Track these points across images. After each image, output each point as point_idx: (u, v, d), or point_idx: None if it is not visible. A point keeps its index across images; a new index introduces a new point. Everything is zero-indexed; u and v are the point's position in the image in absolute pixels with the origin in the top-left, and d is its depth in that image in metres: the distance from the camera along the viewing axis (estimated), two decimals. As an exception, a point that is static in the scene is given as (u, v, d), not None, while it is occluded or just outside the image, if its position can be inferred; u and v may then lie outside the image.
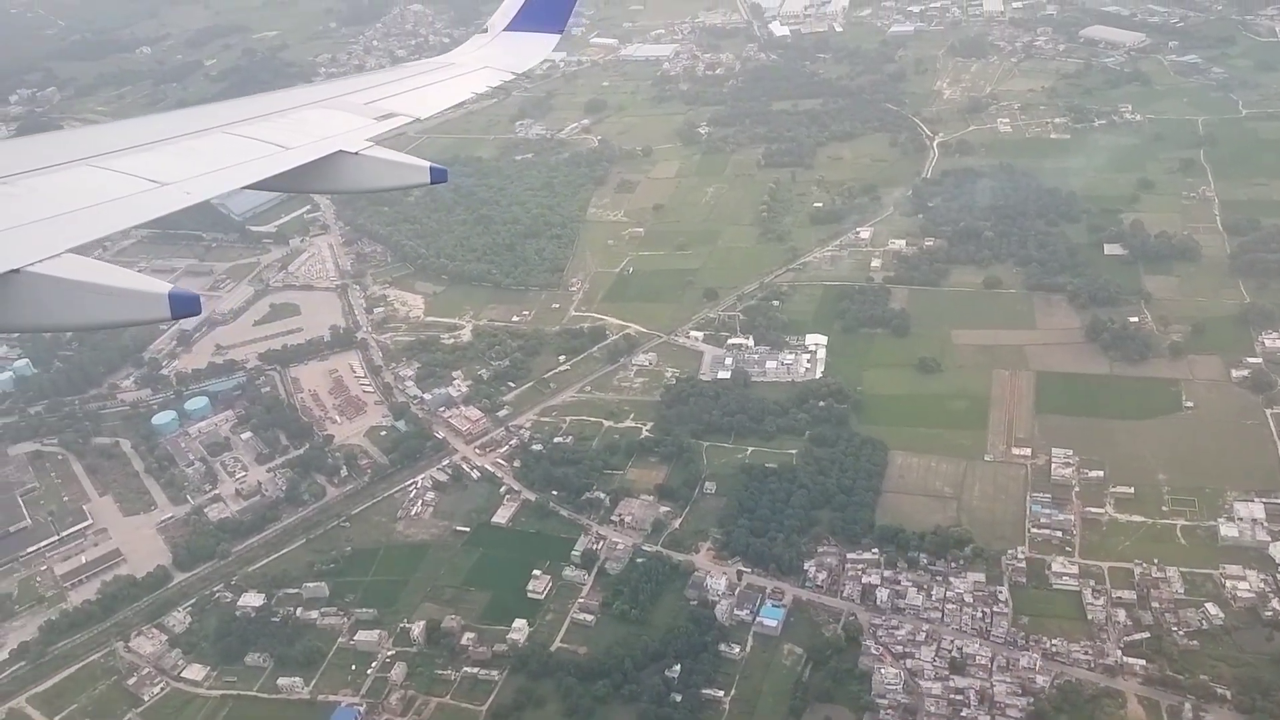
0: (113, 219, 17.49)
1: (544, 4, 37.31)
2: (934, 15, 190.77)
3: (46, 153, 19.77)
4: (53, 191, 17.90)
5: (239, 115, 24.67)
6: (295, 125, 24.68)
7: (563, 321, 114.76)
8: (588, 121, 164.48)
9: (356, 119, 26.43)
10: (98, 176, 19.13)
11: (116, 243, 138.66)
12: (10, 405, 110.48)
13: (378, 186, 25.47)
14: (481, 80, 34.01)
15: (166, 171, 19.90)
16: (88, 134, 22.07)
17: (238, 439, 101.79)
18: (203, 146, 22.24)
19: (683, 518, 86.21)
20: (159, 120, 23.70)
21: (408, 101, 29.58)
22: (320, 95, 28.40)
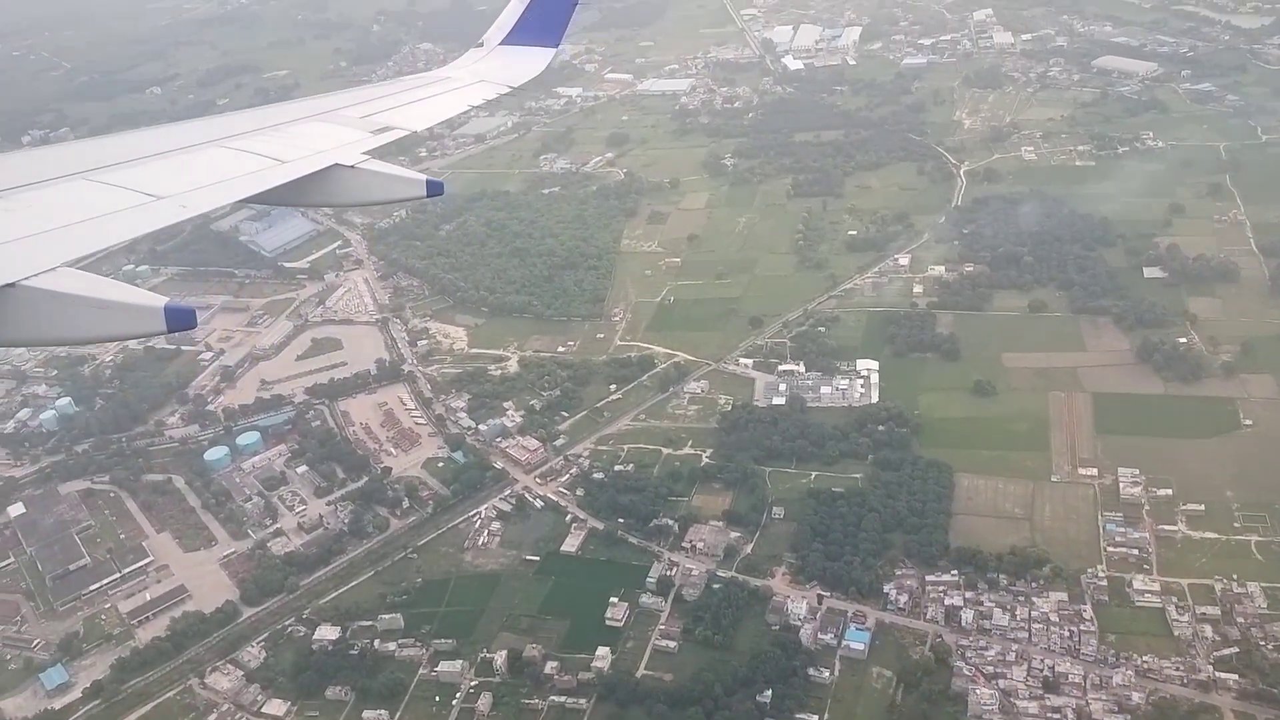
0: (109, 233, 17.37)
1: (540, 18, 37.46)
2: (945, 48, 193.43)
3: (42, 167, 19.71)
4: (48, 205, 17.88)
5: (234, 129, 24.77)
6: (291, 139, 24.75)
7: (609, 351, 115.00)
8: (611, 155, 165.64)
9: (352, 132, 26.43)
10: (93, 190, 19.11)
11: (147, 280, 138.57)
12: (56, 444, 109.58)
13: (374, 199, 25.06)
14: (477, 94, 34.05)
15: (162, 185, 19.79)
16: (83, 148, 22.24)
17: (293, 473, 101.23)
18: (199, 160, 22.27)
19: (753, 543, 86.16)
20: (154, 134, 23.88)
21: (404, 115, 29.55)
22: (316, 109, 28.42)
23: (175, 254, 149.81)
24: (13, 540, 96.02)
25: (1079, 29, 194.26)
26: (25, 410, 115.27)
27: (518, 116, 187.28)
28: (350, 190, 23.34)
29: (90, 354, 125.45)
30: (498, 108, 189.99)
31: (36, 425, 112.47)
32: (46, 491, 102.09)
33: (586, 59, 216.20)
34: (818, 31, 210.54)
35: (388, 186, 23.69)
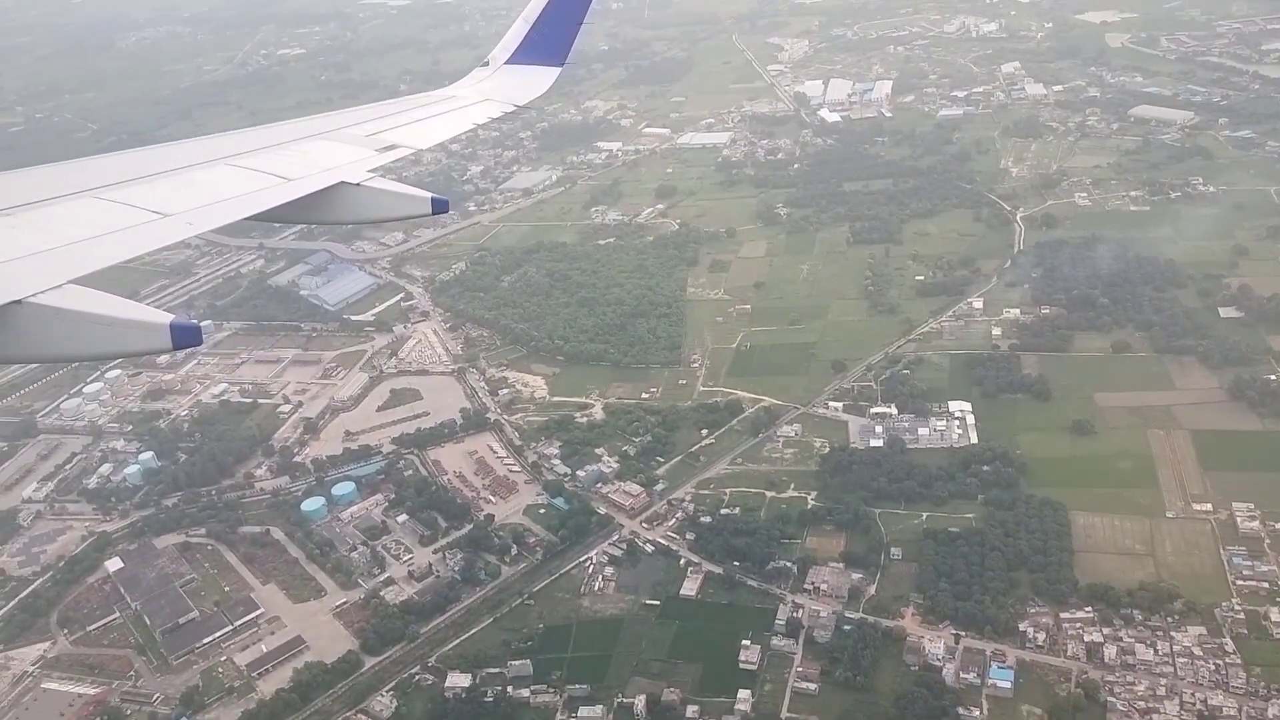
0: (116, 250, 17.49)
1: (546, 38, 37.96)
2: (979, 99, 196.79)
3: (49, 184, 19.92)
4: (56, 223, 18.02)
5: (241, 147, 25.06)
6: (297, 157, 24.99)
7: (693, 397, 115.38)
8: (662, 206, 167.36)
9: (358, 150, 26.74)
10: (100, 208, 19.29)
11: (211, 336, 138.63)
12: (143, 498, 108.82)
13: (380, 216, 25.50)
14: (483, 112, 34.60)
15: (169, 203, 20.00)
16: (90, 165, 22.16)
17: (394, 522, 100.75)
18: (205, 178, 22.42)
19: (876, 584, 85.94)
20: (161, 152, 23.98)
21: (409, 133, 30.05)
22: (322, 127, 28.75)
23: (235, 309, 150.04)
24: (114, 595, 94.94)
25: (1109, 80, 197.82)
26: (106, 465, 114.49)
27: (561, 171, 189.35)
28: (356, 207, 23.58)
29: (165, 408, 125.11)
30: (541, 162, 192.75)
31: (121, 480, 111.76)
32: (142, 545, 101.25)
33: (620, 114, 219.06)
34: (849, 85, 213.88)
35: (394, 203, 23.98)
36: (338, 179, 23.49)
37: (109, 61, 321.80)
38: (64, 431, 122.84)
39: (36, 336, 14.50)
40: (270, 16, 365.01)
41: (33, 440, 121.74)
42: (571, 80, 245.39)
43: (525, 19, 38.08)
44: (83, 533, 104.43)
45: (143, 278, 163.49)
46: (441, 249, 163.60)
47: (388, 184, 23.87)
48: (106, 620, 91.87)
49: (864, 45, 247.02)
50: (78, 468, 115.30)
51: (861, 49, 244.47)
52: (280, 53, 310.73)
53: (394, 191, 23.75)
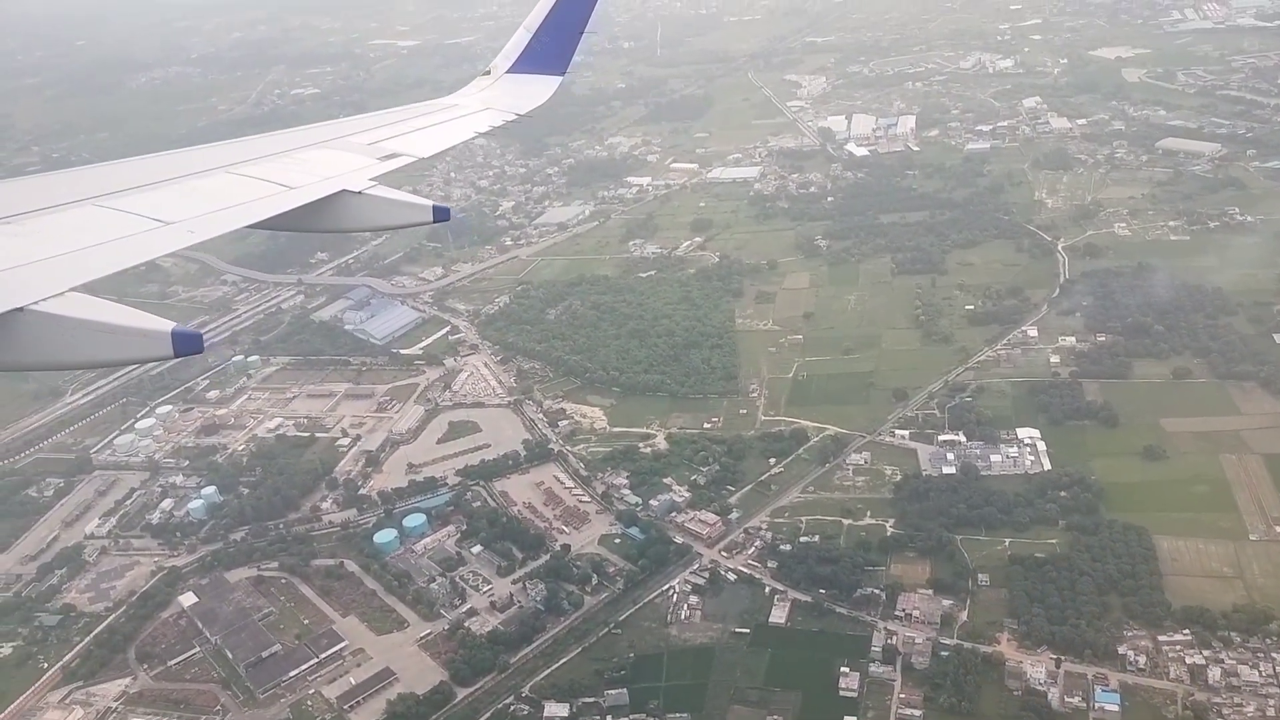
0: (117, 257, 17.65)
1: (547, 47, 38.20)
2: (1004, 133, 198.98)
3: (52, 193, 20.00)
4: (58, 230, 18.10)
5: (243, 155, 25.17)
6: (299, 165, 25.18)
7: (756, 426, 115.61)
8: (700, 239, 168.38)
9: (360, 159, 26.83)
10: (102, 216, 19.40)
11: (260, 370, 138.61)
12: (209, 533, 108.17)
13: (382, 224, 25.26)
14: (484, 121, 34.87)
15: (170, 211, 20.17)
16: (92, 174, 22.20)
17: (468, 553, 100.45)
18: (207, 186, 22.57)
19: (966, 609, 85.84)
20: (163, 160, 24.06)
21: (411, 141, 30.17)
22: (323, 136, 28.92)
23: (280, 344, 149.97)
24: (191, 629, 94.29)
25: (1132, 114, 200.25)
26: (168, 501, 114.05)
27: (594, 205, 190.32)
28: (358, 215, 23.76)
29: (221, 443, 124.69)
30: (571, 198, 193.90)
31: (184, 515, 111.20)
32: (214, 580, 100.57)
33: (646, 150, 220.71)
34: (872, 120, 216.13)
35: (395, 211, 24.08)
36: (339, 187, 23.70)
37: (121, 101, 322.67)
38: (120, 467, 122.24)
39: (39, 344, 14.59)
40: (280, 58, 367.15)
41: (88, 476, 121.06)
42: (592, 117, 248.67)
43: (527, 28, 38.45)
44: (151, 568, 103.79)
45: (183, 314, 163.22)
46: (482, 283, 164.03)
47: (389, 192, 24.10)
48: (187, 655, 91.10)
49: (882, 81, 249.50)
50: (138, 503, 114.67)
51: (880, 85, 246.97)
52: (294, 92, 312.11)
53: (396, 199, 23.91)
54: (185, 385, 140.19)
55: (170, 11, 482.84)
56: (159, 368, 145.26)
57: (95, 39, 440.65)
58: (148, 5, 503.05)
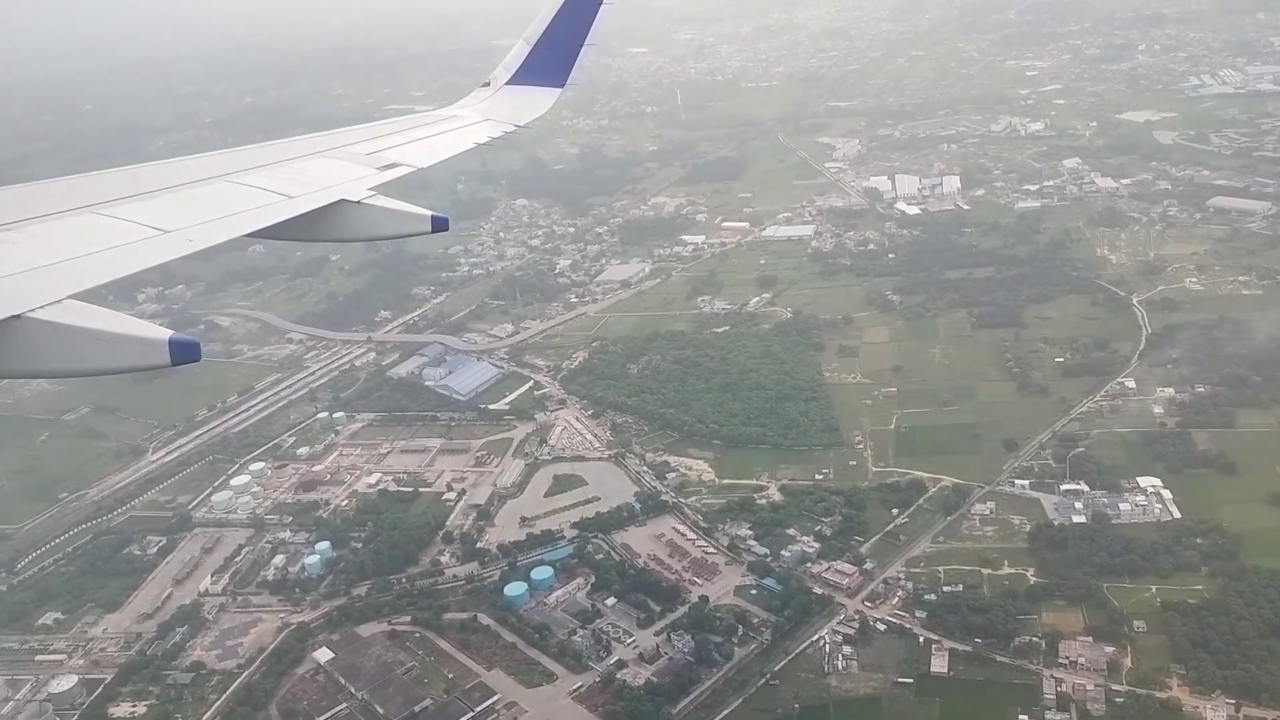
0: (116, 265, 17.44)
1: (547, 59, 38.03)
2: (1052, 192, 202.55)
3: (50, 200, 19.94)
4: (56, 238, 18.00)
5: (242, 164, 25.07)
6: (297, 174, 25.03)
7: (868, 477, 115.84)
8: (768, 295, 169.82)
9: (359, 168, 26.82)
10: (100, 223, 19.24)
11: (346, 426, 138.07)
12: (330, 588, 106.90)
13: (381, 234, 24.98)
14: (483, 131, 34.64)
15: (169, 219, 19.97)
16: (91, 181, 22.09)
17: (603, 605, 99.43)
18: (205, 194, 22.40)
19: (1129, 656, 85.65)
20: (161, 168, 24.01)
21: (410, 152, 29.90)
22: (322, 145, 28.79)
23: (360, 400, 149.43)
24: (332, 685, 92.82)
25: (1174, 173, 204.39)
26: (279, 557, 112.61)
27: (652, 263, 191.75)
28: (357, 225, 23.62)
29: (323, 499, 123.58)
30: (625, 256, 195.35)
31: (299, 571, 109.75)
32: (347, 635, 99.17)
33: (692, 210, 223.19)
34: (916, 180, 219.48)
35: (394, 221, 23.91)
36: (338, 196, 23.52)
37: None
38: (221, 524, 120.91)
39: (35, 352, 14.42)
40: (297, 122, 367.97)
41: (190, 534, 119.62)
42: (630, 178, 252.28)
43: (527, 40, 38.24)
44: (276, 624, 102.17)
45: (254, 372, 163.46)
46: (554, 339, 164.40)
47: (388, 202, 23.94)
48: (333, 711, 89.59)
49: (915, 144, 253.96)
50: (248, 560, 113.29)
51: (913, 147, 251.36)
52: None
53: (395, 209, 23.72)
54: (272, 442, 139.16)
55: (172, 78, 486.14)
56: (243, 424, 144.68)
57: (102, 104, 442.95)
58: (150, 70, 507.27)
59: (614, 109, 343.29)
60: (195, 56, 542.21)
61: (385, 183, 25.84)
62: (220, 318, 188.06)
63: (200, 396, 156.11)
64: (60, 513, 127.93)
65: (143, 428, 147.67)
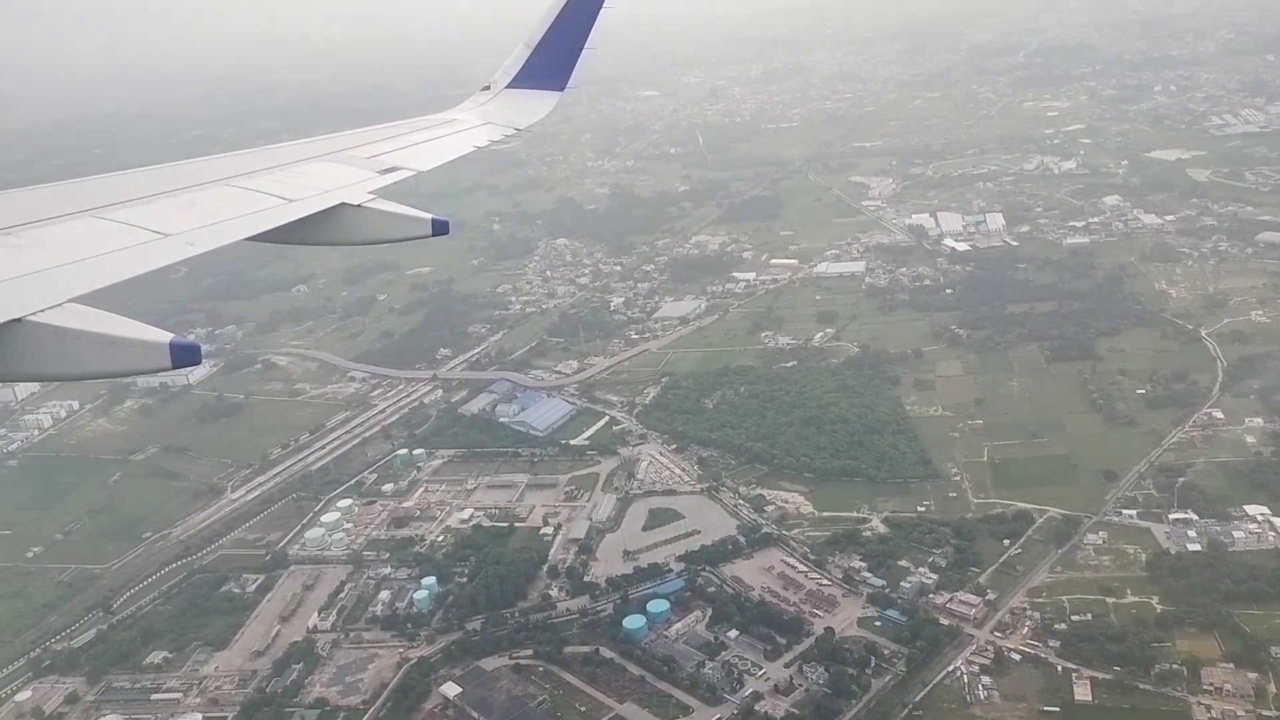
0: (117, 269, 17.62)
1: (547, 63, 38.39)
2: (1098, 228, 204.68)
3: (51, 204, 20.01)
4: (57, 242, 18.06)
5: (242, 168, 25.19)
6: (298, 178, 25.16)
7: (971, 509, 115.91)
8: (831, 330, 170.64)
9: (359, 172, 26.93)
10: (102, 227, 19.34)
11: (428, 462, 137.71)
12: (442, 623, 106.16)
13: (381, 238, 25.02)
14: (483, 135, 34.90)
15: (170, 223, 20.11)
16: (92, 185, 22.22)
17: (725, 637, 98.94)
18: (206, 199, 22.48)
19: (1271, 682, 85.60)
20: (162, 172, 24.15)
21: (410, 155, 30.09)
22: (322, 149, 28.99)
23: (435, 437, 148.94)
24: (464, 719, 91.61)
25: (1216, 209, 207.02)
26: (385, 592, 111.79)
27: (707, 300, 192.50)
28: (357, 229, 23.86)
29: (418, 534, 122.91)
30: (676, 293, 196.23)
31: (407, 606, 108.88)
32: (472, 670, 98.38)
33: (736, 247, 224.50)
34: (959, 218, 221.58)
35: (394, 225, 24.11)
36: (338, 200, 23.68)
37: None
38: (317, 561, 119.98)
39: (37, 355, 14.51)
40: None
41: (287, 571, 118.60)
42: (666, 217, 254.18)
43: (526, 44, 38.69)
44: (394, 659, 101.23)
45: (321, 411, 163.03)
46: (621, 375, 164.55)
47: (389, 205, 24.15)
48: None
49: (949, 182, 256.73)
50: (352, 596, 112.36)
51: (948, 185, 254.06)
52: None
53: (395, 213, 23.95)
54: (354, 479, 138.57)
55: (179, 122, 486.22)
56: (320, 461, 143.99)
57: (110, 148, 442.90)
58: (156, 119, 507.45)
59: (637, 150, 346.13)
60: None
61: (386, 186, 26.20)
62: (277, 357, 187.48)
63: (270, 435, 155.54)
64: (147, 552, 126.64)
65: (216, 467, 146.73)
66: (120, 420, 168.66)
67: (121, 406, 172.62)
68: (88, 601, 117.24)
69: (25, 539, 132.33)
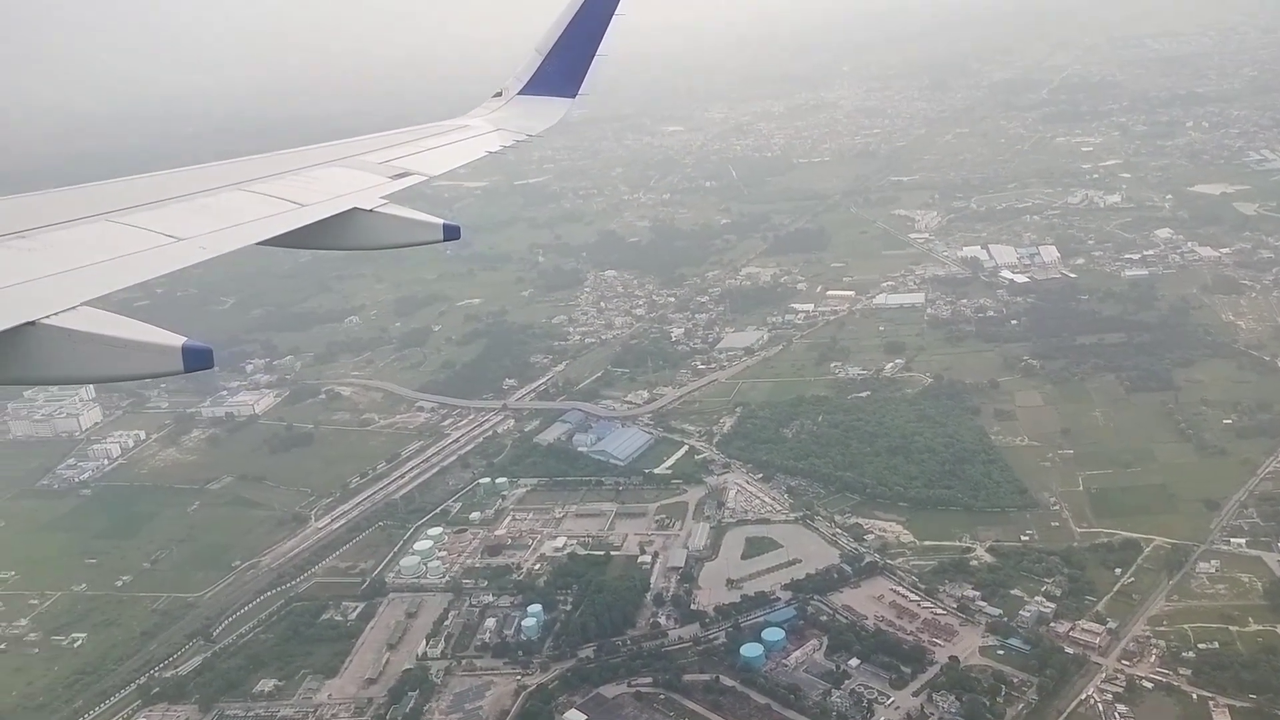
0: (130, 273, 17.51)
1: (558, 69, 38.38)
2: (1154, 260, 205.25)
3: (65, 208, 20.00)
4: (70, 246, 18.03)
5: (254, 173, 25.27)
6: (310, 183, 25.22)
7: (1075, 538, 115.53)
8: (901, 361, 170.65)
9: (371, 177, 26.94)
10: (115, 231, 19.32)
11: (513, 492, 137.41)
12: (553, 650, 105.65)
13: (393, 242, 24.66)
14: (496, 141, 34.93)
15: (183, 227, 20.10)
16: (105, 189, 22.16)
17: (847, 665, 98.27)
18: (219, 203, 22.50)
19: None
20: (174, 177, 24.23)
21: (422, 160, 30.05)
22: (334, 154, 29.06)
23: (513, 466, 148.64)
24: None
25: (1272, 243, 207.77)
26: (490, 620, 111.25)
27: (768, 330, 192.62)
28: (369, 233, 23.78)
29: (514, 563, 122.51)
30: (732, 323, 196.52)
31: (515, 633, 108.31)
32: (592, 698, 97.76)
33: (789, 279, 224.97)
34: (1012, 250, 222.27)
35: (406, 230, 24.03)
36: (350, 205, 23.64)
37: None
38: (416, 589, 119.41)
39: (50, 358, 14.51)
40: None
41: (386, 599, 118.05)
42: (712, 249, 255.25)
43: (539, 50, 38.67)
44: (511, 687, 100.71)
45: (392, 440, 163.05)
46: (693, 405, 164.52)
47: (401, 210, 24.09)
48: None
49: (994, 215, 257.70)
50: (457, 624, 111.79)
51: (993, 219, 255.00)
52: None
53: (407, 218, 23.88)
54: (439, 507, 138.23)
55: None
56: (401, 490, 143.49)
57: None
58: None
59: (670, 184, 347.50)
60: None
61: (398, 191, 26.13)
62: (340, 387, 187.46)
63: (345, 464, 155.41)
64: (238, 580, 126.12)
65: (296, 495, 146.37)
66: (189, 450, 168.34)
67: (189, 436, 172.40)
68: (186, 629, 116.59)
69: (112, 567, 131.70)
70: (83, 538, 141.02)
